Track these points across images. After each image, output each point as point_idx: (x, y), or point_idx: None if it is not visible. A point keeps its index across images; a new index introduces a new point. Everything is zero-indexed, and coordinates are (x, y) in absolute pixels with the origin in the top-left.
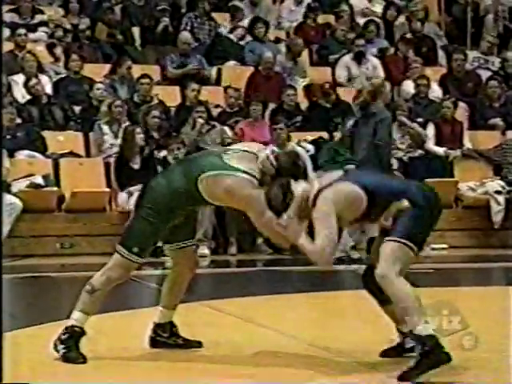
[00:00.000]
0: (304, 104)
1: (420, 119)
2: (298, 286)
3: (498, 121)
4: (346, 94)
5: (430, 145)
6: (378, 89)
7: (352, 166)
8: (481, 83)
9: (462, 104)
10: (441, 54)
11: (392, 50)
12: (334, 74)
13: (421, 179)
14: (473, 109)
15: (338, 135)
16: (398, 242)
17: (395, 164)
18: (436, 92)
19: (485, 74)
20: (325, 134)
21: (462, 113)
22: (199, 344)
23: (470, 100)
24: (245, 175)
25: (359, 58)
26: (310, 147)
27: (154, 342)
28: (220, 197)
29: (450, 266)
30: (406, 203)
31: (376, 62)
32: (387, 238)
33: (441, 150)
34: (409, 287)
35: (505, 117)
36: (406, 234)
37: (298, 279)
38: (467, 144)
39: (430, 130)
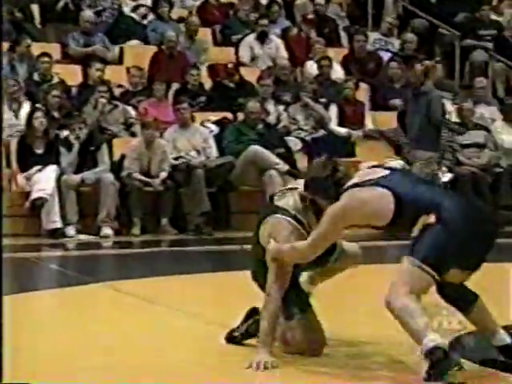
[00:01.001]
0: (208, 84)
1: (323, 100)
2: (202, 265)
3: (397, 101)
4: (249, 74)
5: (333, 125)
6: (430, 69)
7: (257, 147)
8: (381, 64)
9: (363, 85)
10: (343, 34)
11: (295, 31)
12: (237, 53)
13: None
14: (374, 90)
15: (241, 115)
16: (414, 264)
17: (299, 144)
18: (338, 73)
19: (385, 56)
20: (229, 115)
21: (363, 93)
22: None
23: (371, 81)
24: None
25: (262, 38)
26: (214, 127)
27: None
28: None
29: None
30: (432, 218)
31: (279, 42)
32: (405, 257)
33: (343, 131)
34: (416, 305)
35: (405, 98)
36: (425, 256)
37: (201, 259)
38: (368, 124)
39: (333, 111)
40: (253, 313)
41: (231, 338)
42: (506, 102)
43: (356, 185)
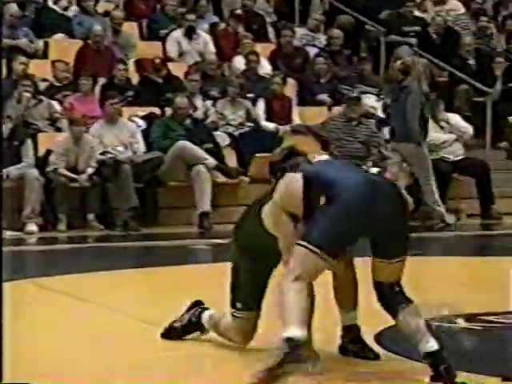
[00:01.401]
0: (135, 79)
1: (250, 95)
2: (130, 261)
3: (325, 97)
4: (177, 69)
5: (261, 120)
6: (409, 66)
7: (185, 142)
8: (308, 60)
9: (290, 80)
10: (270, 30)
11: (223, 26)
12: (164, 48)
13: (251, 154)
14: (301, 85)
15: (169, 110)
16: (305, 247)
17: (227, 139)
18: (266, 68)
19: (312, 51)
20: (156, 110)
21: (290, 89)
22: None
23: (298, 76)
24: None
25: (190, 33)
26: (142, 123)
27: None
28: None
29: None
30: (323, 199)
31: (207, 37)
32: (297, 241)
33: (271, 126)
34: (299, 296)
35: (331, 93)
36: (315, 238)
37: (129, 255)
38: (296, 119)
39: (260, 106)
40: (196, 305)
41: (169, 332)
42: (430, 98)
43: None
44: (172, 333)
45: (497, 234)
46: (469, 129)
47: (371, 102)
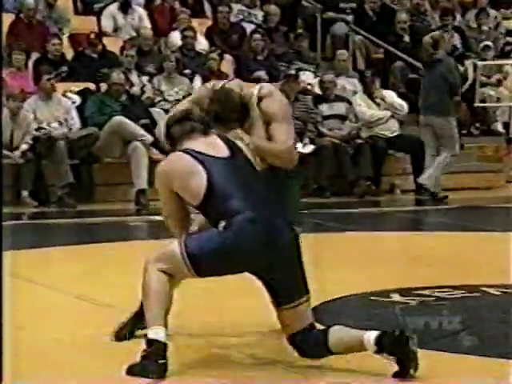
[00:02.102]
0: (69, 54)
1: (187, 71)
2: (65, 238)
3: (261, 73)
4: (112, 44)
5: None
6: (438, 40)
7: (121, 118)
8: (245, 36)
9: (227, 56)
10: (206, 5)
11: (159, 1)
12: (99, 23)
13: None
14: (238, 61)
15: (104, 86)
16: (180, 250)
17: (163, 115)
18: (202, 44)
19: (249, 27)
20: (91, 85)
21: (227, 65)
22: None
23: (235, 52)
24: None
25: (125, 7)
26: (77, 98)
27: None
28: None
29: None
30: (222, 224)
31: (142, 12)
32: (181, 239)
33: None
34: (163, 289)
35: (268, 69)
36: (193, 250)
37: (64, 232)
38: None
39: (197, 83)
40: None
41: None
42: (366, 75)
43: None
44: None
45: (430, 210)
46: (404, 105)
47: (308, 78)
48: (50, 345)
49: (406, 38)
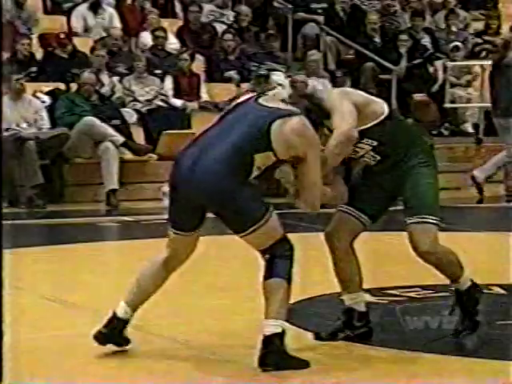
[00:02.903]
0: (39, 54)
1: (158, 71)
2: (35, 239)
3: (233, 73)
4: (82, 44)
5: (169, 97)
6: (510, 41)
7: (92, 119)
8: (216, 36)
9: (198, 56)
10: (177, 6)
11: (129, 1)
12: (69, 23)
13: (159, 131)
14: (209, 61)
15: (74, 86)
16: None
17: (134, 116)
18: (173, 44)
19: (220, 28)
20: (61, 85)
21: (198, 65)
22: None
23: (206, 52)
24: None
25: (95, 7)
26: (47, 98)
27: None
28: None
29: None
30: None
31: (112, 12)
32: None
33: (179, 102)
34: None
35: (239, 70)
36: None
37: (34, 232)
38: (204, 96)
39: (168, 83)
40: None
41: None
42: (337, 75)
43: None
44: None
45: (400, 209)
46: None
47: (279, 78)
48: (23, 344)
49: (377, 39)
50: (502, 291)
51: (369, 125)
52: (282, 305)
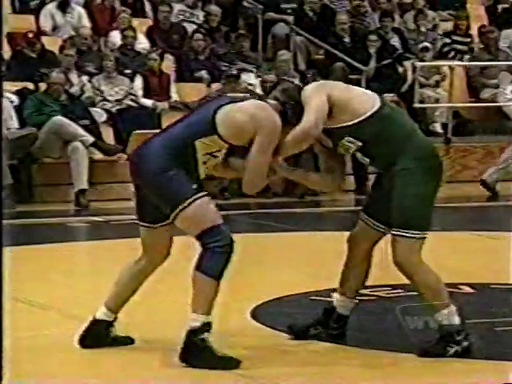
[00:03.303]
0: (7, 53)
1: (128, 71)
2: (3, 239)
3: (203, 73)
4: (51, 44)
5: (139, 97)
6: None
7: (61, 118)
8: (186, 36)
9: (168, 56)
10: (147, 5)
11: (98, 0)
12: (37, 22)
13: (129, 131)
14: (179, 61)
15: (43, 86)
16: None
17: (104, 115)
18: (143, 44)
19: (190, 27)
20: (30, 85)
21: (168, 65)
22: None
23: (176, 52)
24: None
25: (63, 6)
26: (15, 98)
27: None
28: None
29: None
30: None
31: (81, 11)
32: None
33: (149, 102)
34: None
35: (210, 69)
36: None
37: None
38: (174, 96)
39: (138, 82)
40: None
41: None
42: (307, 75)
43: None
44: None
45: None
46: None
47: (250, 78)
48: None
49: (347, 39)
50: (471, 290)
51: (349, 123)
52: (206, 300)
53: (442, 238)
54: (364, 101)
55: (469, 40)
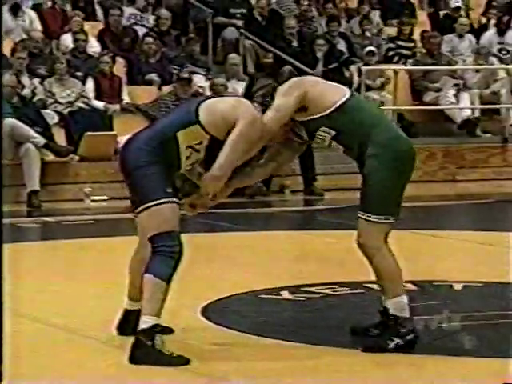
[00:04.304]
0: None
1: (79, 73)
2: None
3: (154, 76)
4: (2, 47)
5: (90, 99)
6: None
7: (13, 120)
8: (137, 39)
9: (120, 59)
10: (98, 9)
11: (50, 4)
12: None
13: (81, 133)
14: (130, 64)
15: None
16: None
17: (55, 118)
18: (94, 47)
19: (141, 31)
20: None
21: (120, 68)
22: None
23: (127, 55)
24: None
25: (15, 10)
26: None
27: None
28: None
29: (109, 216)
30: None
31: (33, 14)
32: None
33: (100, 104)
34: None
35: (160, 72)
36: None
37: None
38: (126, 98)
39: (90, 85)
40: None
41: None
42: (256, 78)
43: None
44: None
45: (318, 210)
46: None
47: (200, 81)
48: None
49: (295, 43)
50: (414, 287)
51: (323, 114)
52: (156, 302)
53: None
54: (336, 92)
55: (412, 45)
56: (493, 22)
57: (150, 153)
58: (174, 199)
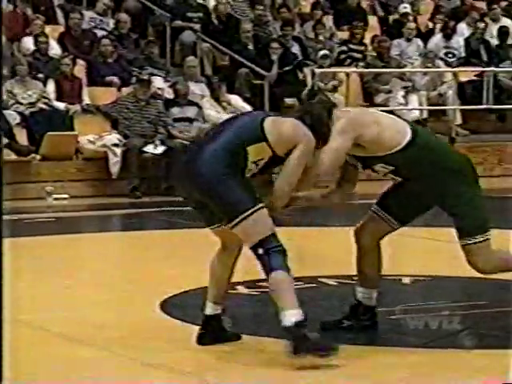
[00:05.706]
0: None
1: (40, 75)
2: None
3: (113, 78)
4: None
5: (51, 100)
6: None
7: None
8: (97, 42)
9: (80, 61)
10: (59, 13)
11: (11, 7)
12: None
13: (42, 133)
14: (90, 66)
15: None
16: None
17: (17, 118)
18: (55, 49)
19: (101, 34)
20: None
21: (80, 70)
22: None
23: (87, 58)
24: None
25: None
26: None
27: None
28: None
29: (70, 214)
30: None
31: None
32: None
33: (61, 105)
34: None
35: (120, 74)
36: None
37: None
38: (86, 99)
39: (50, 86)
40: None
41: None
42: (213, 80)
43: None
44: None
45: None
46: (247, 109)
47: (159, 83)
48: None
49: (250, 46)
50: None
51: (380, 154)
52: (290, 294)
53: (341, 233)
54: (396, 132)
55: (363, 48)
56: (439, 26)
57: (227, 166)
58: (262, 203)
